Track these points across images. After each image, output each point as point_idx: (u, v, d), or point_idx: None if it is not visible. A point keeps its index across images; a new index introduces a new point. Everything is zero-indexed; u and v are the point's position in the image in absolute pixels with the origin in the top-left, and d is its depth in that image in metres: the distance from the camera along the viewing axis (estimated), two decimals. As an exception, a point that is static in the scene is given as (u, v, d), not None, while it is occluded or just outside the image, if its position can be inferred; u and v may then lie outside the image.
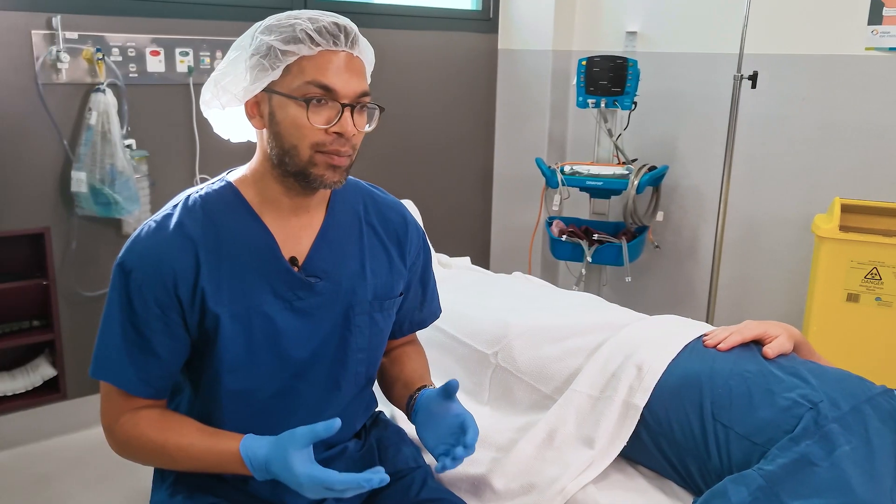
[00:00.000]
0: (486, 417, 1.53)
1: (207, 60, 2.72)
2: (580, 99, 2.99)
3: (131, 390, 1.14)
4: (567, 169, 2.97)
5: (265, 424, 1.20)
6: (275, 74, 1.10)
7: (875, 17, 2.55)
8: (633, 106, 2.95)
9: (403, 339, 1.43)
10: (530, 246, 3.34)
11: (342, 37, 1.11)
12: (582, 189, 3.02)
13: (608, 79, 2.92)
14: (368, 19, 3.12)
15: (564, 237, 2.96)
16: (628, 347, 1.45)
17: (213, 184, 1.21)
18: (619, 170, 2.95)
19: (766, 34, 2.64)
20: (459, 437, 1.14)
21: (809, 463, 1.13)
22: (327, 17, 1.12)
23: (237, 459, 1.08)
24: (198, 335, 1.16)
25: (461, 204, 3.62)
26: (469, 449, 1.11)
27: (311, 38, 1.09)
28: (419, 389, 1.28)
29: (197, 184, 2.67)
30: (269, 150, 1.15)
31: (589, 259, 2.87)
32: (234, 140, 1.30)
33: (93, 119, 2.42)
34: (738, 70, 2.49)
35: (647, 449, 1.36)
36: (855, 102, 2.63)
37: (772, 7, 2.67)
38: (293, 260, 1.20)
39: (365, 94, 1.13)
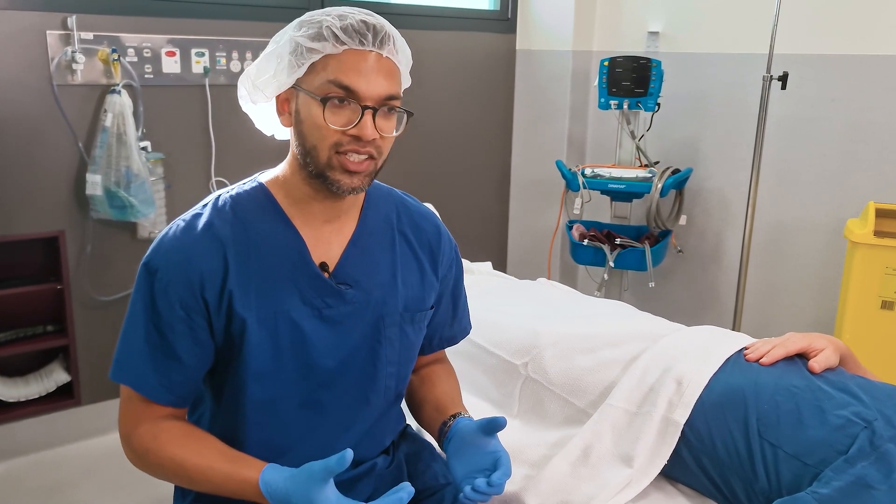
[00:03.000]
0: (516, 431, 1.47)
1: (223, 61, 2.67)
2: (602, 100, 2.93)
3: (152, 396, 1.10)
4: (588, 172, 2.91)
5: (290, 437, 1.16)
6: (301, 72, 1.07)
7: (909, 16, 2.48)
8: (657, 107, 2.89)
9: (433, 356, 1.38)
10: (549, 250, 3.28)
11: (370, 36, 1.06)
12: (603, 192, 2.95)
13: (631, 80, 2.86)
14: (385, 19, 3.07)
15: (586, 241, 2.90)
16: (666, 360, 1.39)
17: (245, 184, 1.18)
18: (642, 172, 2.89)
19: (793, 34, 2.57)
20: (489, 473, 1.08)
21: (867, 486, 1.08)
22: (357, 15, 1.08)
23: (256, 491, 1.04)
24: (223, 340, 1.11)
25: (478, 207, 3.57)
26: (494, 487, 1.05)
27: (335, 35, 1.05)
28: (453, 416, 1.22)
29: (212, 187, 2.69)
30: (295, 149, 1.12)
31: (611, 264, 2.81)
32: (278, 137, 1.25)
33: (108, 121, 2.38)
34: (768, 70, 2.43)
35: (688, 467, 1.30)
36: (886, 104, 2.56)
37: (799, 7, 2.60)
38: (323, 266, 1.15)
39: (392, 97, 1.09)
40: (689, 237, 3.16)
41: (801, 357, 1.37)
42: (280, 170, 1.17)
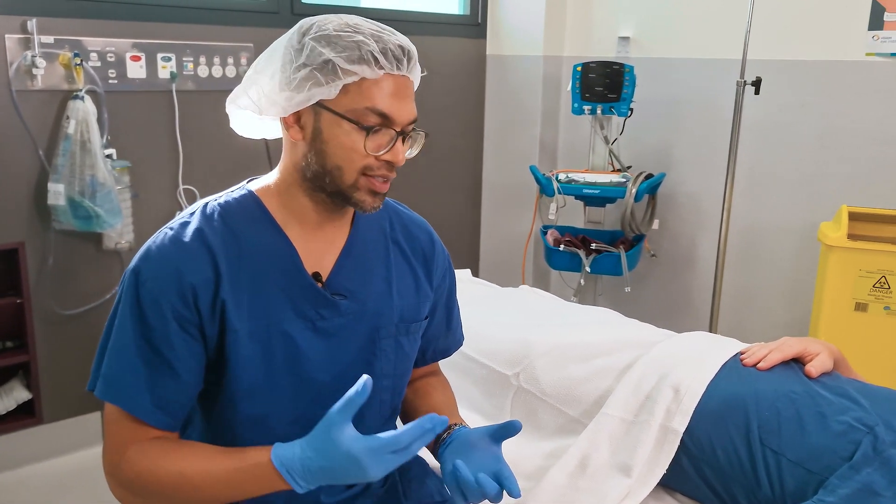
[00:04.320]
0: (509, 442, 1.40)
1: (191, 66, 2.60)
2: (575, 105, 2.92)
3: (146, 417, 1.02)
4: (563, 177, 2.90)
5: None
6: (330, 92, 1.01)
7: (876, 22, 2.52)
8: (630, 112, 2.90)
9: (426, 368, 1.34)
10: (524, 256, 3.26)
11: (405, 61, 1.04)
12: (578, 197, 2.95)
13: (604, 85, 2.86)
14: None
15: (562, 246, 2.89)
16: (662, 367, 1.37)
17: (233, 192, 1.12)
18: (616, 177, 2.89)
19: (764, 40, 2.60)
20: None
21: (873, 493, 1.07)
22: (392, 38, 1.04)
23: (271, 471, 0.96)
24: (214, 354, 1.06)
25: (450, 213, 3.53)
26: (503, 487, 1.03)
27: (376, 60, 1.01)
28: (452, 426, 1.18)
29: (180, 195, 2.61)
30: (303, 164, 1.06)
31: (588, 269, 2.80)
32: (249, 136, 1.19)
33: (71, 128, 2.29)
34: (742, 76, 2.44)
35: (688, 476, 1.28)
36: (856, 108, 2.60)
37: (770, 12, 2.63)
38: (316, 276, 1.11)
39: (414, 121, 1.07)
40: (662, 241, 3.17)
41: (797, 362, 1.36)
42: (273, 179, 1.12)
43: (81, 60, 2.33)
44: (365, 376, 0.94)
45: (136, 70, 2.50)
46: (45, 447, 2.46)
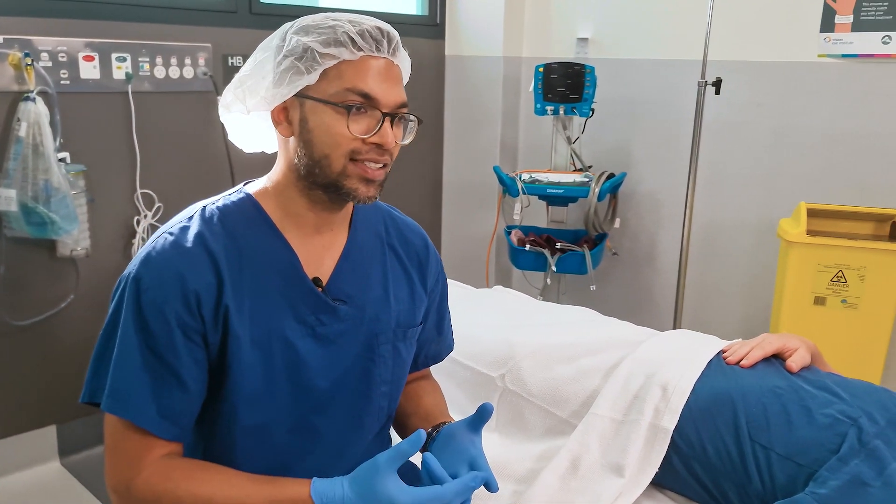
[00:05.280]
0: (496, 445, 1.44)
1: (147, 67, 2.52)
2: (538, 106, 2.94)
3: (155, 430, 0.99)
4: (526, 177, 2.91)
5: (281, 464, 1.09)
6: (311, 78, 1.00)
7: (827, 24, 2.60)
8: (591, 113, 2.93)
9: (417, 373, 1.33)
10: (487, 256, 3.27)
11: (385, 42, 1.02)
12: (541, 197, 2.97)
13: (566, 85, 2.88)
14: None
15: (528, 246, 2.90)
16: (649, 366, 1.39)
17: (230, 195, 1.10)
18: (579, 177, 2.92)
19: (720, 41, 2.65)
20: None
21: (862, 483, 1.10)
22: (369, 21, 1.03)
23: None
24: (216, 361, 1.03)
25: (410, 214, 3.44)
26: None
27: (353, 41, 1.00)
28: (442, 424, 1.18)
29: (138, 200, 2.53)
30: (295, 160, 1.04)
31: (553, 268, 2.82)
32: (247, 150, 1.19)
33: (22, 130, 2.20)
34: (703, 76, 2.49)
35: (678, 474, 1.29)
36: (810, 108, 2.68)
37: (726, 14, 2.69)
38: (316, 281, 1.09)
39: (404, 105, 1.05)
40: (623, 240, 3.22)
41: (777, 357, 1.39)
42: (270, 180, 1.10)
43: (32, 60, 2.23)
44: (420, 430, 0.95)
45: (89, 70, 2.41)
46: (-1, 464, 2.36)
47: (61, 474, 2.44)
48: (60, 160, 2.30)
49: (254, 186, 1.11)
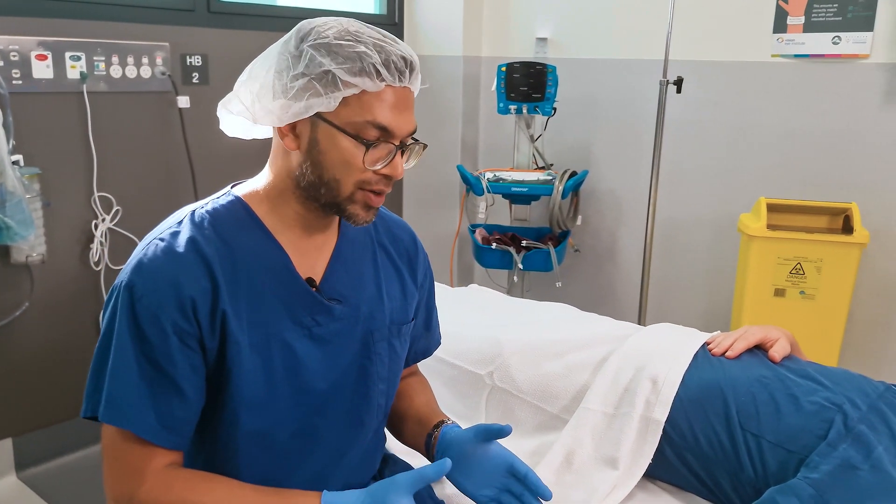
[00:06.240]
0: (488, 443, 1.44)
1: (103, 66, 2.44)
2: (501, 105, 2.96)
3: (156, 439, 0.96)
4: (490, 176, 2.93)
5: (284, 468, 1.08)
6: (329, 104, 0.97)
7: (780, 25, 2.69)
8: (553, 112, 2.96)
9: (406, 370, 1.32)
10: (451, 255, 3.27)
11: (408, 73, 1.01)
12: (505, 196, 2.99)
13: (528, 85, 2.91)
14: (269, 22, 2.95)
15: (494, 245, 2.91)
16: (637, 360, 1.41)
17: (219, 198, 1.07)
18: (542, 175, 2.95)
19: (676, 41, 2.71)
20: (510, 480, 1.08)
21: (852, 467, 1.13)
22: (395, 48, 1.00)
23: None
24: (214, 368, 1.00)
25: (372, 214, 3.48)
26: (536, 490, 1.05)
27: (378, 73, 0.97)
28: (437, 426, 1.19)
29: (95, 203, 2.45)
30: (297, 173, 1.02)
31: (520, 266, 2.84)
32: (238, 136, 1.13)
33: (-27, 133, 2.10)
34: (664, 75, 2.55)
35: (671, 465, 1.32)
36: (765, 107, 2.76)
37: (683, 15, 2.75)
38: (310, 281, 1.08)
39: (414, 131, 1.04)
40: (585, 237, 3.26)
41: (759, 348, 1.43)
42: (261, 184, 1.07)
43: (-18, 59, 2.14)
44: (446, 459, 0.96)
45: (42, 70, 2.32)
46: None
47: (19, 488, 2.35)
48: (14, 163, 2.20)
49: (242, 189, 1.08)
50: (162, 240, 0.99)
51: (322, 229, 1.10)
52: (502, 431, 1.09)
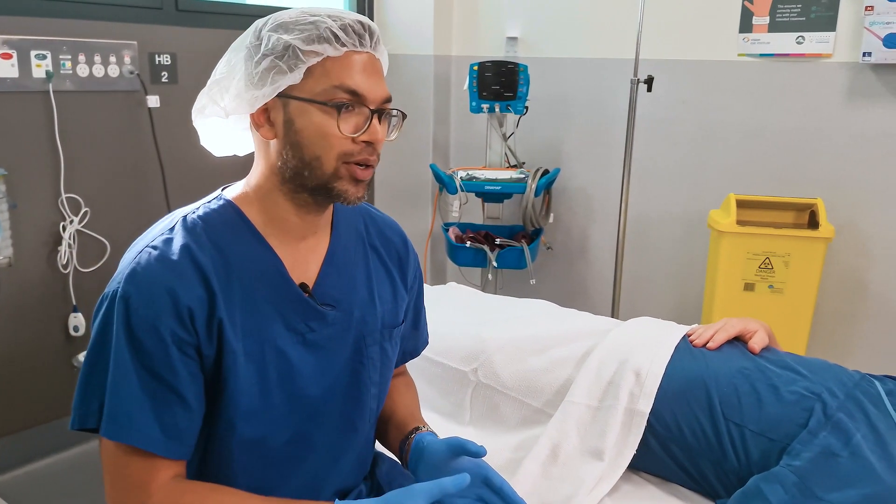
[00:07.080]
0: (473, 439, 1.43)
1: (69, 65, 2.39)
2: (474, 104, 2.97)
3: (158, 450, 0.94)
4: (463, 174, 2.94)
5: (278, 475, 1.06)
6: (294, 77, 0.97)
7: (745, 25, 2.74)
8: (525, 110, 2.98)
9: (395, 370, 1.31)
10: (425, 253, 3.27)
11: (367, 37, 1.00)
12: (478, 194, 3.00)
13: (500, 84, 2.92)
14: (238, 20, 2.92)
15: (468, 243, 2.92)
16: (620, 353, 1.43)
17: (210, 202, 1.05)
18: (515, 174, 2.97)
19: (647, 40, 2.75)
20: (483, 490, 1.05)
21: (832, 454, 1.17)
22: (350, 16, 1.00)
23: None
24: (210, 376, 0.99)
25: (344, 214, 3.47)
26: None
27: (336, 36, 0.97)
28: (412, 433, 1.17)
29: (63, 205, 2.40)
30: (279, 164, 1.01)
31: (494, 264, 2.86)
32: (217, 154, 1.14)
33: (-64, 133, 2.05)
34: (635, 74, 2.58)
35: (655, 456, 1.34)
36: (731, 105, 2.82)
37: (651, 15, 2.79)
38: (303, 286, 1.06)
39: (388, 100, 1.03)
40: (557, 234, 3.29)
41: (738, 340, 1.46)
42: (250, 185, 1.06)
43: (-56, 58, 2.09)
44: (465, 473, 0.95)
45: (6, 69, 2.27)
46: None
47: (-12, 498, 2.29)
48: (-21, 164, 2.16)
49: (232, 192, 1.07)
50: (155, 247, 0.97)
51: (314, 232, 1.09)
52: (478, 453, 1.05)
